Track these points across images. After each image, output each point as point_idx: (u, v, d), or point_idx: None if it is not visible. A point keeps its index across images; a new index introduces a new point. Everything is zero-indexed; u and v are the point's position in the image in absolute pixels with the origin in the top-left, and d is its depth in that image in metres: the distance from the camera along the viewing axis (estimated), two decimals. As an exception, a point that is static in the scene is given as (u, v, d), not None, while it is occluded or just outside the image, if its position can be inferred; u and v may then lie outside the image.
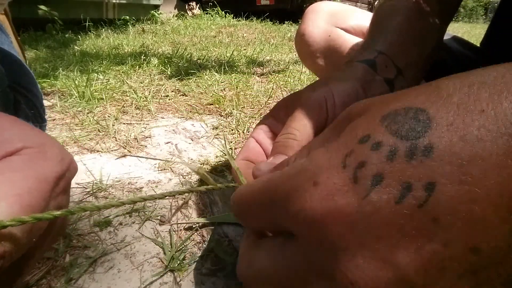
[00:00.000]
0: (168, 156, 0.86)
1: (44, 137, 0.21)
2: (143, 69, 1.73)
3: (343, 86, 0.33)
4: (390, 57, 0.38)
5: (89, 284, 0.47)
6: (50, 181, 0.19)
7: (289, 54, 2.49)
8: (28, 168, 0.18)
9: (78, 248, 0.53)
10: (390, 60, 0.38)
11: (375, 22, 0.47)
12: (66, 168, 0.20)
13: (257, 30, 3.88)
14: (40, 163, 0.19)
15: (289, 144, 0.27)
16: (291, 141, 0.28)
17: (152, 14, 4.08)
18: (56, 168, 0.19)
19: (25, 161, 0.18)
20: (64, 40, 2.64)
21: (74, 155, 0.84)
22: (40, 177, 0.18)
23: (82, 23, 3.17)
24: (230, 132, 1.02)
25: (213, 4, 5.00)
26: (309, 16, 0.78)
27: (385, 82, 0.36)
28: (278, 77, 1.72)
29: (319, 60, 0.77)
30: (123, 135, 0.97)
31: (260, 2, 5.14)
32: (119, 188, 0.71)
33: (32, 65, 1.70)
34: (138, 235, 0.57)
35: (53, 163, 0.19)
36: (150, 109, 1.18)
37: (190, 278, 0.48)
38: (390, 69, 0.37)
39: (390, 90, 0.36)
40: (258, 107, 1.26)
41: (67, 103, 1.19)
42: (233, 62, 2.04)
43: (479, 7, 16.36)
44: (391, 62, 0.37)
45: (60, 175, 0.20)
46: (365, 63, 0.36)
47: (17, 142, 0.19)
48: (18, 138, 0.19)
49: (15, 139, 0.19)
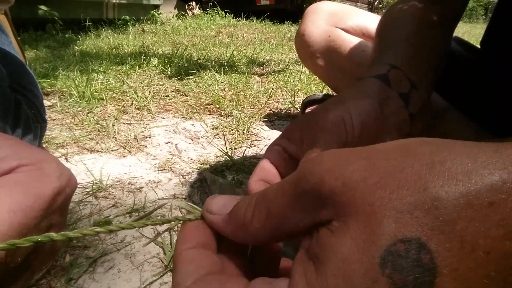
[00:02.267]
0: (168, 156, 0.86)
1: (42, 154, 0.20)
2: (143, 69, 1.73)
3: (360, 104, 0.31)
4: (403, 70, 0.37)
5: (89, 284, 0.47)
6: (46, 198, 0.19)
7: (289, 54, 2.49)
8: (22, 185, 0.18)
9: (78, 248, 0.53)
10: (403, 74, 0.36)
11: (382, 33, 0.46)
12: (65, 184, 0.20)
13: (257, 30, 3.89)
14: (36, 180, 0.19)
15: None
16: None
17: (152, 14, 4.08)
18: (54, 184, 0.19)
19: (20, 179, 0.18)
20: (64, 40, 2.64)
21: (74, 155, 0.84)
22: (35, 193, 0.18)
23: (82, 23, 3.17)
24: (230, 132, 1.03)
25: (213, 4, 5.00)
26: (309, 16, 0.78)
27: (399, 97, 0.35)
28: (278, 77, 1.72)
29: (319, 60, 0.77)
30: (123, 135, 0.97)
31: (260, 2, 5.14)
32: (119, 188, 0.71)
33: (32, 65, 1.70)
34: (138, 235, 0.57)
35: (50, 179, 0.19)
36: (150, 109, 1.18)
37: (190, 278, 0.48)
38: (404, 83, 0.36)
39: (405, 105, 0.35)
40: (258, 107, 1.26)
41: (67, 103, 1.19)
42: (233, 62, 2.04)
43: (479, 7, 16.36)
44: (404, 76, 0.36)
45: (59, 191, 0.20)
46: (378, 78, 0.35)
47: (12, 160, 0.19)
48: (13, 157, 0.19)
49: (10, 158, 0.19)
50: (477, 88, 0.59)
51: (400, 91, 0.35)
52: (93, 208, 0.63)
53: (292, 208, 0.16)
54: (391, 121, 0.34)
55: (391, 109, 0.34)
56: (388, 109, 0.33)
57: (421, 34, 0.42)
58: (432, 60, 0.41)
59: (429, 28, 0.42)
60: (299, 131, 0.30)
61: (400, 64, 0.37)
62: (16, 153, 0.19)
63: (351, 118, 0.30)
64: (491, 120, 0.56)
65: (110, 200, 0.66)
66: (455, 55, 0.62)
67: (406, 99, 0.35)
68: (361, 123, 0.30)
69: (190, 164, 0.83)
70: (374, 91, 0.34)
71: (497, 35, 0.55)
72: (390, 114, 0.34)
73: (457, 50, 0.62)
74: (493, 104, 0.56)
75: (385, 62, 0.38)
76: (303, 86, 1.55)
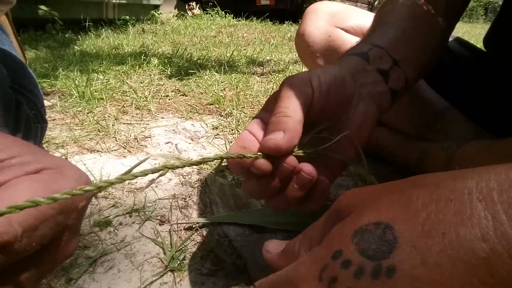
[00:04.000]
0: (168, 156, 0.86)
1: (61, 160, 0.23)
2: (143, 69, 1.73)
3: (330, 70, 0.34)
4: (387, 50, 0.38)
5: (89, 284, 0.47)
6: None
7: (289, 54, 2.49)
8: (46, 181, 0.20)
9: (78, 248, 0.53)
10: (385, 52, 0.38)
11: (376, 19, 0.47)
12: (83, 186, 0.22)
13: (257, 30, 3.88)
14: (58, 179, 0.21)
15: (282, 121, 0.30)
16: (283, 118, 0.30)
17: (152, 14, 4.08)
18: (73, 184, 0.21)
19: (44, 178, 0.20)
20: (64, 40, 2.64)
21: (74, 155, 0.84)
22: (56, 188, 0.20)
23: (82, 23, 3.17)
24: (230, 132, 1.03)
25: (213, 4, 5.00)
26: (309, 16, 0.78)
27: (378, 72, 0.37)
28: (278, 77, 1.72)
29: (319, 60, 0.77)
30: (123, 135, 0.97)
31: (260, 2, 5.14)
32: (119, 188, 0.71)
33: (32, 65, 1.70)
34: (138, 235, 0.57)
35: (70, 181, 0.21)
36: (150, 109, 1.18)
37: (190, 278, 0.48)
38: (385, 60, 0.38)
39: (384, 79, 0.37)
40: (258, 107, 1.26)
41: (67, 103, 1.19)
42: (233, 62, 2.04)
43: (479, 7, 16.35)
44: (386, 54, 0.38)
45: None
46: (357, 55, 0.37)
47: (37, 164, 0.21)
48: (38, 161, 0.21)
49: (34, 162, 0.21)
50: (477, 88, 0.59)
51: (379, 67, 0.37)
52: (93, 208, 0.63)
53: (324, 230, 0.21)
54: (365, 90, 0.36)
55: (366, 80, 0.36)
56: (362, 80, 0.36)
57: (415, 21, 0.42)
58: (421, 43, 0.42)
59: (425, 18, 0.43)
60: (274, 100, 0.33)
61: (385, 44, 0.39)
62: (39, 158, 0.21)
63: (318, 77, 0.33)
64: (491, 120, 0.56)
65: (110, 200, 0.66)
66: (456, 55, 0.62)
67: (386, 75, 0.37)
68: (327, 82, 0.32)
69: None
70: (349, 64, 0.36)
71: (500, 35, 0.55)
72: (366, 84, 0.36)
73: (458, 50, 0.62)
74: (493, 104, 0.56)
75: (369, 42, 0.39)
76: (303, 86, 1.55)
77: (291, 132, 0.29)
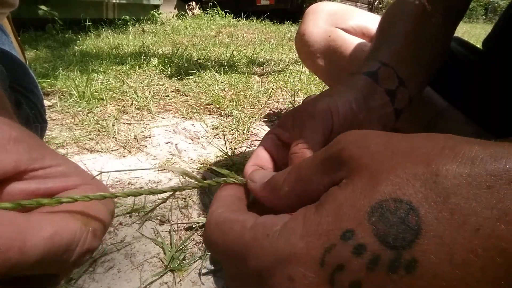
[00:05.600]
0: (168, 156, 0.86)
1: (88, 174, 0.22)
2: (143, 69, 1.73)
3: (347, 97, 0.34)
4: (393, 67, 0.39)
5: (89, 284, 0.47)
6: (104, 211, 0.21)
7: (289, 54, 2.49)
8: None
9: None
10: (393, 71, 0.39)
11: (381, 29, 0.47)
12: (112, 207, 0.22)
13: (257, 30, 3.88)
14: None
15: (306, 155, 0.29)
16: (305, 150, 0.30)
17: (152, 14, 4.08)
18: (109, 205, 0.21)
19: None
20: (64, 40, 2.64)
21: (74, 155, 0.84)
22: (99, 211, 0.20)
23: (82, 23, 3.17)
24: (230, 132, 1.03)
25: (213, 4, 5.00)
26: (309, 17, 0.78)
27: (385, 93, 0.38)
28: (278, 77, 1.72)
29: (319, 60, 0.77)
30: (123, 135, 0.97)
31: (260, 2, 5.14)
32: (119, 188, 0.71)
33: (32, 65, 1.70)
34: (138, 235, 0.57)
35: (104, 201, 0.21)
36: (150, 109, 1.18)
37: (190, 278, 0.48)
38: (392, 80, 0.38)
39: (391, 100, 0.38)
40: (258, 107, 1.26)
41: (67, 103, 1.19)
42: (233, 62, 2.04)
43: (479, 7, 16.36)
44: (393, 73, 0.39)
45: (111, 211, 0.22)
46: (367, 75, 0.38)
47: (75, 178, 0.20)
48: (76, 175, 0.21)
49: (74, 175, 0.20)
50: (477, 88, 0.59)
51: (387, 88, 0.38)
52: (93, 208, 0.64)
53: (317, 172, 0.18)
54: (375, 114, 0.36)
55: (376, 103, 0.36)
56: (373, 103, 0.36)
57: (418, 30, 0.43)
58: (427, 57, 0.43)
59: (428, 25, 0.43)
60: (291, 120, 0.33)
61: (391, 60, 0.39)
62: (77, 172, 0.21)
63: (337, 107, 0.33)
64: (491, 120, 0.56)
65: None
66: (456, 55, 0.62)
67: (393, 95, 0.38)
68: (346, 113, 0.33)
69: (190, 164, 0.83)
70: (361, 86, 0.37)
71: (503, 36, 0.55)
72: (374, 107, 0.36)
73: (458, 50, 0.62)
74: (493, 104, 0.56)
75: (377, 59, 0.40)
76: (303, 86, 1.56)
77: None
